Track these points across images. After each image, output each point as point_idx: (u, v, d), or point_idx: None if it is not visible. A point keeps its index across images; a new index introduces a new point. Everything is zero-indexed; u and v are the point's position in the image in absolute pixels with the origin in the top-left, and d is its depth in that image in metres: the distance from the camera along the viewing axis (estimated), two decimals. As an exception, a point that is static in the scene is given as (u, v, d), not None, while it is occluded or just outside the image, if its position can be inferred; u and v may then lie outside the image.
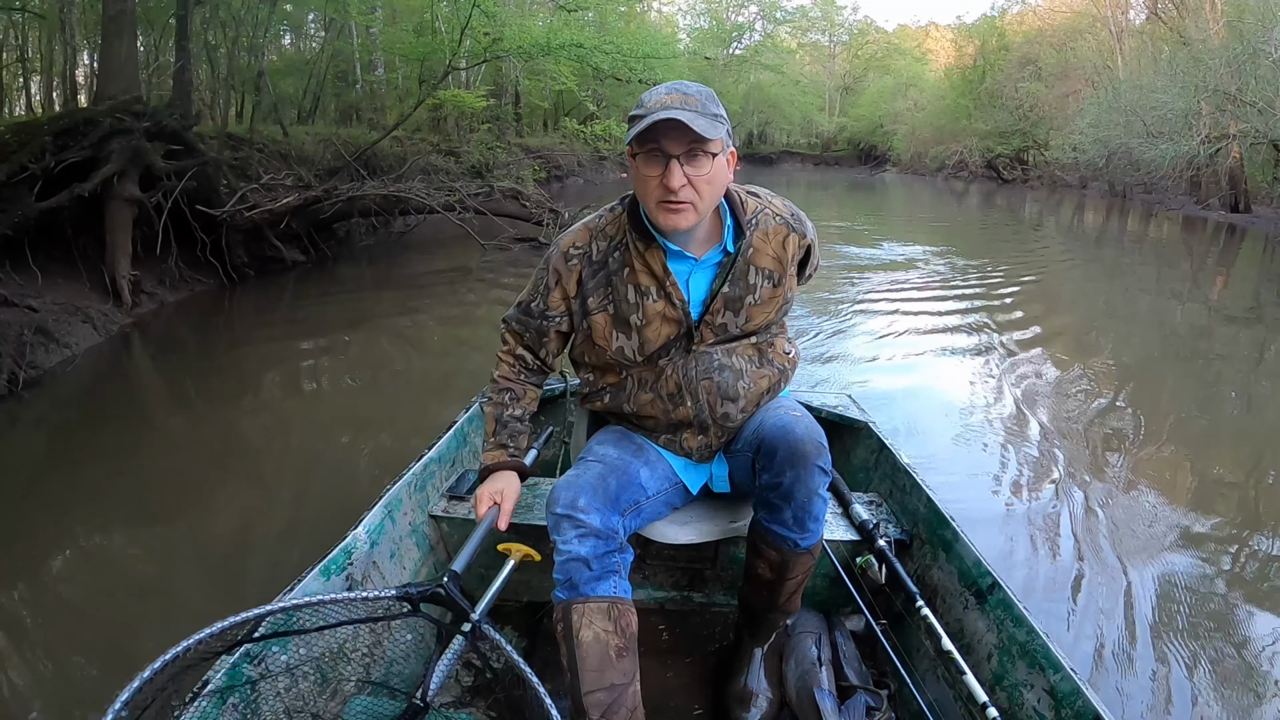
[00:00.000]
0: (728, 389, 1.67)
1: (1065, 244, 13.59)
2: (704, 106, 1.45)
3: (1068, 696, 1.47)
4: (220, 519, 3.43)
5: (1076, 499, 3.49)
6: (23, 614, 2.81)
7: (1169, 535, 3.22)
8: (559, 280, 1.69)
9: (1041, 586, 2.81)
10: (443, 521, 2.20)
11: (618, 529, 1.56)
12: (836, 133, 50.90)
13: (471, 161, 13.52)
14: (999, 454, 4.07)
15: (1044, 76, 28.93)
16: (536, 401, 1.85)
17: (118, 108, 6.75)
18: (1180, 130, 17.22)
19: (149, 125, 6.90)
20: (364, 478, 3.57)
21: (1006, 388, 5.15)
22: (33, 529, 3.30)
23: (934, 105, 37.60)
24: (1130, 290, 9.50)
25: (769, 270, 1.65)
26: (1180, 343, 6.96)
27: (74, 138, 6.49)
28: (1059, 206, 21.04)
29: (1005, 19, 34.43)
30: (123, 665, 2.22)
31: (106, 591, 2.93)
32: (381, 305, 7.71)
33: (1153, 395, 5.33)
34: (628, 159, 1.57)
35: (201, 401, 5.22)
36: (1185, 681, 2.33)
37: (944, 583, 2.00)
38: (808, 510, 1.58)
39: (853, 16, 56.47)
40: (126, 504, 3.56)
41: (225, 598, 2.71)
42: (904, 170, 38.84)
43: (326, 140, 11.39)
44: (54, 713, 2.27)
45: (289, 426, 4.71)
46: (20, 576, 2.98)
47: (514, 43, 11.05)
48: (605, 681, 1.46)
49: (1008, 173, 30.22)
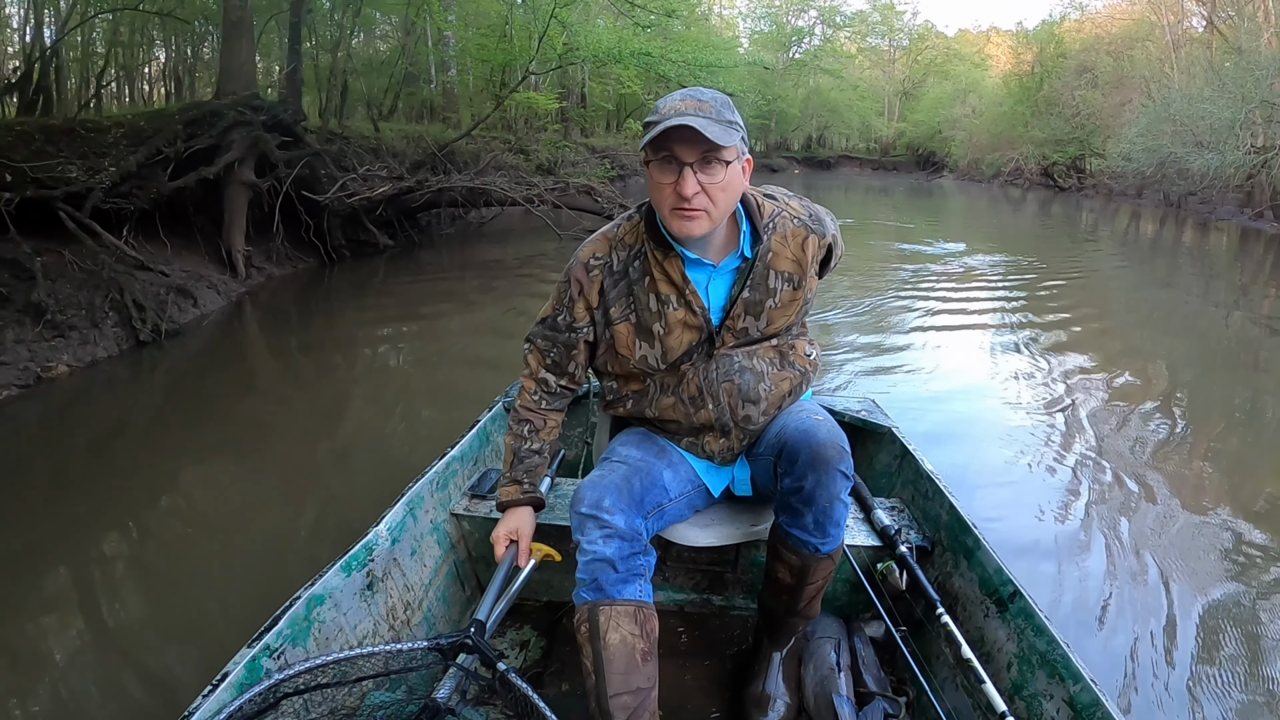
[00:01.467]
0: (749, 391, 1.67)
1: (1118, 253, 13.43)
2: (718, 113, 1.43)
3: (1087, 708, 1.46)
4: (300, 464, 3.99)
5: (1110, 513, 3.43)
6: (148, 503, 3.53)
7: (1209, 555, 3.09)
8: (581, 291, 1.68)
9: (1070, 600, 2.77)
10: (464, 520, 2.22)
11: (641, 531, 1.56)
12: (895, 138, 50.42)
13: (540, 159, 14.17)
14: (1035, 464, 3.97)
15: (1100, 84, 28.58)
16: (558, 429, 1.85)
17: (239, 102, 7.60)
18: (1226, 141, 17.01)
19: (265, 119, 7.74)
20: (428, 440, 3.85)
21: (1046, 395, 5.03)
22: (165, 448, 4.13)
23: (991, 111, 37.18)
24: (1177, 300, 9.20)
25: (789, 274, 1.63)
26: (1226, 355, 6.68)
27: (201, 127, 7.35)
28: (1114, 215, 20.72)
29: (1064, 26, 33.94)
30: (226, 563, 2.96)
31: (210, 500, 3.64)
32: (463, 286, 8.42)
33: (1199, 409, 5.02)
34: (642, 165, 1.56)
35: (301, 361, 5.94)
36: (1213, 704, 2.27)
37: (965, 590, 1.98)
38: (829, 515, 1.58)
39: (913, 21, 56.01)
40: (231, 439, 4.27)
41: (297, 524, 3.34)
42: (960, 176, 38.37)
43: (413, 136, 12.21)
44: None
45: (372, 389, 5.31)
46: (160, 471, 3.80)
47: (589, 51, 11.67)
48: (631, 685, 1.46)
49: (1064, 180, 29.81)
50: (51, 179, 5.92)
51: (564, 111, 18.22)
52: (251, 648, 1.46)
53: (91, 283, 5.72)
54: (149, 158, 6.73)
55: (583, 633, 1.51)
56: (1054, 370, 5.60)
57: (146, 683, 2.38)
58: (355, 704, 1.47)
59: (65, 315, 5.34)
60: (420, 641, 1.46)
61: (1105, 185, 26.08)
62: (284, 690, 1.33)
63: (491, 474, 2.34)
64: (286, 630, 1.54)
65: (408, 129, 13.22)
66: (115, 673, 2.42)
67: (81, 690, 2.34)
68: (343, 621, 1.71)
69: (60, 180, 5.97)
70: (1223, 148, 17.03)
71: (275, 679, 1.30)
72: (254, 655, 1.45)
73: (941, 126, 42.35)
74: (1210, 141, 17.68)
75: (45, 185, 5.83)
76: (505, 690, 1.43)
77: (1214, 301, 9.06)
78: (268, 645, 1.49)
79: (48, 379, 4.92)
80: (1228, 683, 2.34)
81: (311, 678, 1.36)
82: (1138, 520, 3.36)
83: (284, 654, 1.52)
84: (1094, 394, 5.09)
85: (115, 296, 5.70)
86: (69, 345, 5.26)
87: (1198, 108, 18.18)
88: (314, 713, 1.38)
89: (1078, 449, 4.15)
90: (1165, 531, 3.28)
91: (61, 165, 6.13)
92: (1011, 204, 25.26)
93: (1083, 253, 13.03)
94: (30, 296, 5.25)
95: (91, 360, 5.29)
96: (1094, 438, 4.31)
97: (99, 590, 2.92)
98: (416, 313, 7.18)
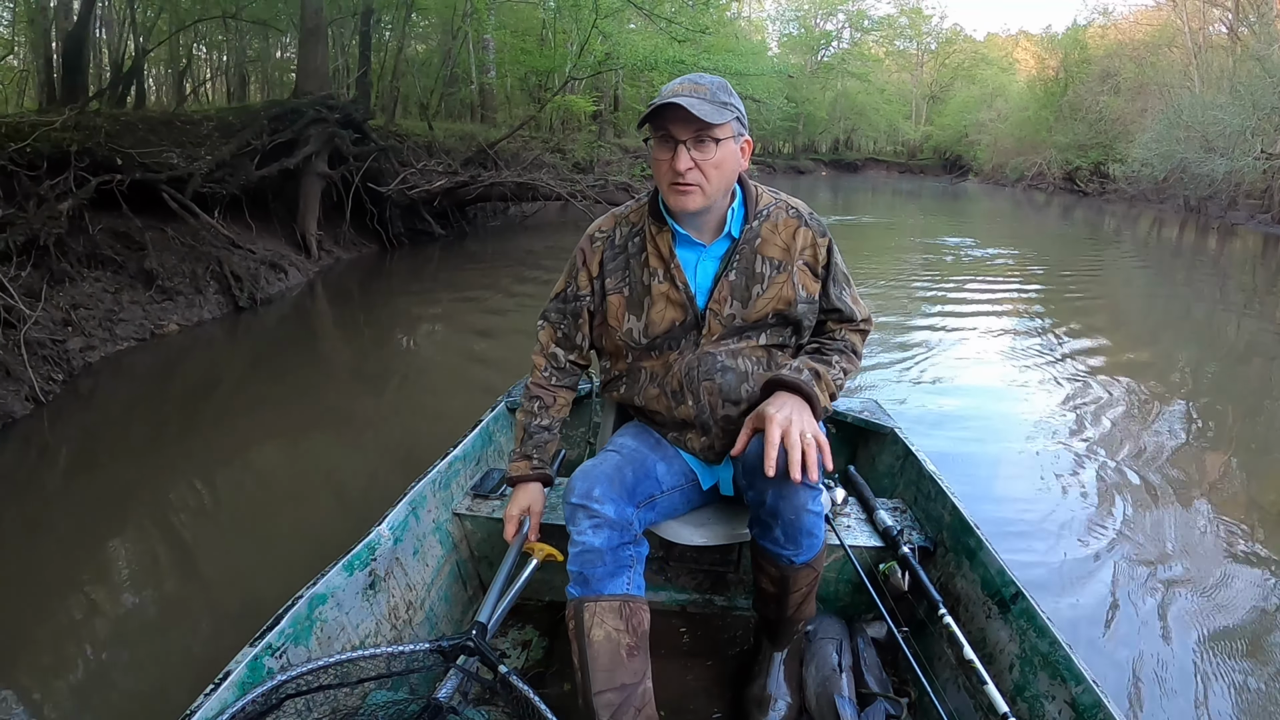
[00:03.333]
0: (730, 391, 1.66)
1: (1136, 256, 13.73)
2: (713, 95, 1.50)
3: (1089, 709, 1.46)
4: (370, 416, 4.62)
5: (1113, 513, 3.42)
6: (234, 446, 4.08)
7: (1214, 557, 3.08)
8: (584, 261, 1.74)
9: (1072, 601, 2.75)
10: (466, 519, 2.22)
11: (632, 520, 1.56)
12: (922, 141, 50.41)
13: (576, 158, 14.93)
14: (1036, 464, 3.95)
15: (1122, 90, 28.75)
16: (568, 407, 1.88)
17: (316, 101, 8.50)
18: (1237, 146, 17.40)
19: (339, 116, 8.60)
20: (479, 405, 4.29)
21: (1052, 396, 5.05)
22: (252, 398, 4.92)
23: (1016, 116, 37.29)
24: (1190, 303, 9.17)
25: (777, 260, 1.65)
26: (1238, 358, 6.68)
27: (283, 123, 8.26)
28: (1136, 221, 20.66)
29: (1089, 31, 34.06)
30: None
31: (280, 449, 4.15)
32: (510, 273, 9.15)
33: (1211, 411, 4.98)
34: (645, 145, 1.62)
35: (367, 332, 6.70)
36: (1215, 706, 2.26)
37: (967, 591, 1.97)
38: (798, 526, 1.54)
39: (941, 24, 56.02)
40: (309, 400, 4.89)
41: (366, 464, 3.78)
42: (985, 180, 38.51)
43: (464, 135, 13.15)
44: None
45: (426, 361, 6.02)
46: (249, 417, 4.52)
47: (627, 59, 12.46)
48: (616, 681, 1.46)
49: (1086, 186, 30.04)
50: (156, 164, 6.76)
51: (599, 113, 18.98)
52: (253, 647, 1.47)
53: (193, 255, 6.61)
54: (240, 148, 7.60)
55: (570, 629, 1.52)
56: (1061, 371, 5.60)
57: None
58: (357, 703, 1.48)
59: (172, 282, 6.23)
60: (422, 643, 1.48)
61: (1125, 191, 26.24)
62: (286, 691, 1.34)
63: (494, 474, 2.34)
64: (289, 629, 1.55)
65: (456, 128, 14.17)
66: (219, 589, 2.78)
67: (184, 595, 2.73)
68: (345, 621, 1.73)
69: (164, 166, 6.81)
70: (1233, 153, 17.39)
71: (278, 679, 1.33)
72: (256, 654, 1.45)
73: (968, 130, 42.28)
74: (1222, 147, 18.04)
75: (151, 170, 6.68)
76: (506, 691, 1.43)
77: (1227, 305, 9.06)
78: (270, 644, 1.49)
79: (159, 335, 5.77)
80: (1231, 685, 2.34)
81: (314, 678, 1.38)
82: (1141, 520, 3.37)
83: (286, 653, 1.53)
84: (1103, 394, 5.07)
85: (214, 268, 6.59)
86: (177, 308, 6.12)
87: (1209, 114, 18.54)
88: (316, 712, 1.39)
89: (1082, 449, 4.15)
90: (1169, 532, 3.27)
91: (164, 153, 6.96)
92: (1035, 208, 25.39)
93: (1103, 256, 13.22)
94: (143, 264, 6.13)
95: (198, 321, 6.19)
96: (1100, 437, 4.32)
97: (191, 519, 3.36)
98: (465, 293, 7.92)
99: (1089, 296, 8.97)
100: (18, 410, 4.19)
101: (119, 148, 6.54)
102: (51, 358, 4.77)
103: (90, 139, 6.33)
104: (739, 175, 1.64)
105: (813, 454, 1.41)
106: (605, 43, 12.46)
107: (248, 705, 1.28)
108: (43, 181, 5.72)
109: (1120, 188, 26.68)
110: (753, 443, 1.53)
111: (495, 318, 7.05)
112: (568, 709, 1.43)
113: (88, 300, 5.58)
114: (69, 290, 5.50)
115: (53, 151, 5.94)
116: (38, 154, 5.79)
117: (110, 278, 5.94)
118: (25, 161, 5.68)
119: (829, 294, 1.72)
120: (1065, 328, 7.03)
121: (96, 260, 5.92)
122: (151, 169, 6.68)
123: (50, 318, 5.08)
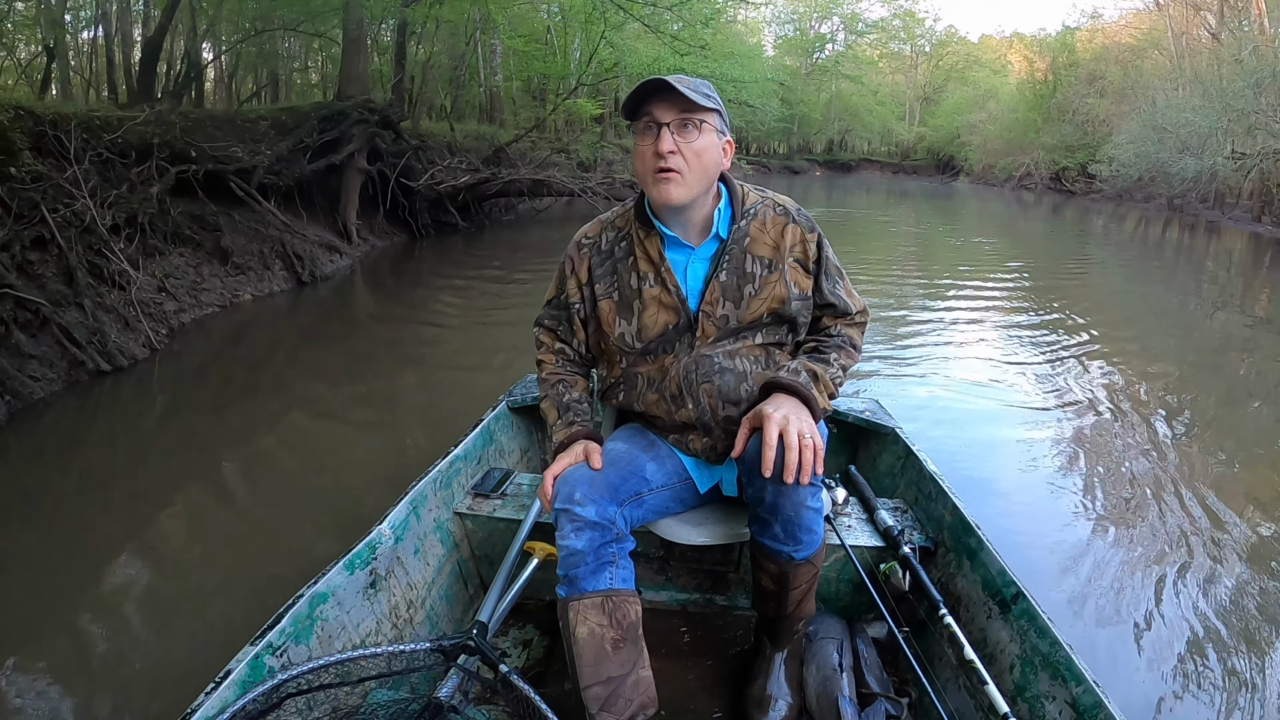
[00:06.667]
0: (729, 392, 1.65)
1: (1120, 253, 14.17)
2: (696, 86, 1.50)
3: (1090, 710, 1.46)
4: (388, 392, 5.13)
5: (1113, 513, 3.44)
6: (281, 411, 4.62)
7: (1216, 557, 3.06)
8: (573, 268, 1.73)
9: (1073, 601, 2.75)
10: (467, 519, 2.21)
11: (615, 518, 1.55)
12: (915, 142, 51.07)
13: (581, 158, 15.87)
14: (1037, 464, 3.96)
15: (1108, 93, 29.41)
16: (588, 391, 1.83)
17: (359, 104, 9.57)
18: (1206, 146, 18.32)
19: (378, 118, 9.66)
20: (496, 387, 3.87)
21: (1053, 395, 5.06)
22: (311, 361, 5.80)
23: (1006, 117, 37.84)
24: (1177, 300, 9.37)
25: (767, 259, 1.64)
26: (1227, 354, 6.77)
27: (330, 123, 9.29)
28: (1124, 219, 20.95)
29: (1077, 35, 34.75)
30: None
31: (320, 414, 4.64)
32: (528, 260, 10.04)
33: (1210, 409, 5.07)
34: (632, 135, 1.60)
35: (398, 310, 7.50)
36: (1217, 706, 2.25)
37: (968, 591, 1.97)
38: (797, 523, 1.55)
39: (935, 26, 56.13)
40: (350, 365, 5.63)
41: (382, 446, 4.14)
42: (975, 180, 39.16)
43: (481, 135, 14.33)
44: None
45: (451, 338, 6.50)
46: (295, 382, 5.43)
47: (633, 68, 13.39)
48: (601, 675, 1.48)
49: (1073, 185, 30.86)
50: (225, 157, 7.72)
51: (602, 115, 19.98)
52: (254, 645, 1.47)
53: (259, 237, 7.63)
54: (295, 145, 8.62)
55: (561, 629, 1.54)
56: (1060, 370, 5.63)
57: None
58: (358, 702, 1.49)
59: (244, 259, 7.25)
60: (423, 642, 1.49)
61: (1116, 190, 26.78)
62: (287, 690, 1.34)
63: (495, 473, 2.34)
64: (289, 628, 1.55)
65: (468, 129, 15.29)
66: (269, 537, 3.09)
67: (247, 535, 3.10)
68: (345, 620, 1.73)
69: (231, 159, 7.78)
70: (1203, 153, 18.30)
71: (279, 679, 1.33)
72: (257, 653, 1.45)
73: (960, 131, 42.61)
74: (1194, 148, 18.95)
75: (221, 162, 7.63)
76: (507, 690, 1.44)
77: (1211, 301, 9.32)
78: (270, 643, 1.49)
79: (236, 304, 6.80)
80: (1232, 686, 2.33)
81: (315, 677, 1.38)
82: (1142, 521, 3.36)
83: (286, 652, 1.53)
84: (1106, 394, 5.08)
85: (278, 249, 7.61)
86: (249, 281, 7.15)
87: (1181, 116, 19.41)
88: (316, 711, 1.39)
89: (1082, 448, 4.17)
90: (1170, 532, 3.25)
91: (230, 148, 7.92)
92: (1023, 207, 26.00)
93: (1100, 254, 13.70)
94: (219, 243, 7.12)
95: (268, 292, 7.26)
96: (1102, 438, 4.33)
97: (258, 466, 3.82)
98: (488, 278, 8.71)
99: (1089, 296, 9.19)
100: (139, 354, 5.19)
101: (193, 142, 7.42)
102: (156, 315, 5.77)
103: (168, 133, 7.15)
104: (724, 175, 1.67)
105: (809, 455, 1.43)
106: (612, 53, 13.53)
107: (248, 704, 1.28)
108: (132, 168, 6.61)
109: (1103, 188, 27.47)
110: (752, 440, 1.53)
111: (525, 298, 7.60)
112: (568, 708, 1.47)
113: (175, 271, 6.55)
114: (160, 263, 6.44)
115: (138, 143, 6.75)
116: (127, 145, 6.61)
117: (191, 253, 6.91)
118: (118, 151, 6.51)
119: (822, 289, 1.72)
120: (1065, 327, 7.04)
121: (179, 239, 6.85)
122: (222, 161, 7.61)
123: (150, 284, 6.05)
